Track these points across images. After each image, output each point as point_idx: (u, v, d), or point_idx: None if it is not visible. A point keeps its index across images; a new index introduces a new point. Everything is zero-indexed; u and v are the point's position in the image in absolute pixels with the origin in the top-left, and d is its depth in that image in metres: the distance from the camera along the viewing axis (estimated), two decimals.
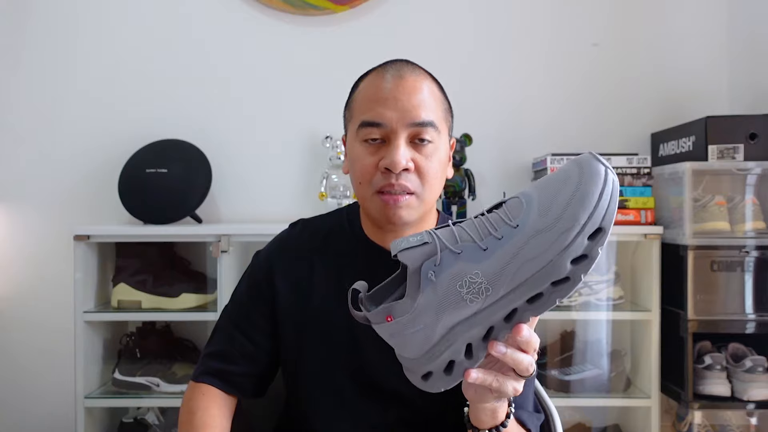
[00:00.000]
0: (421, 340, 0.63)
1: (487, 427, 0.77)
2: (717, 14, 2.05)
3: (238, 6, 2.05)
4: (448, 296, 0.61)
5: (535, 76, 2.06)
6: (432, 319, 0.62)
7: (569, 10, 2.05)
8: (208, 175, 1.92)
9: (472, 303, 0.61)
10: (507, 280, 0.60)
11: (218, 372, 0.96)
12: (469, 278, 0.61)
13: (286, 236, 1.02)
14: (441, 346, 0.63)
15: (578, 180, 0.61)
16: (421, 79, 0.89)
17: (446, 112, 0.92)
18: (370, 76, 0.92)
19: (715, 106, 2.02)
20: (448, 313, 0.62)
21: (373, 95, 0.88)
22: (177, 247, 1.97)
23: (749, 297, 1.68)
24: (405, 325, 0.63)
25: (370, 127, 0.86)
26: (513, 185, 2.05)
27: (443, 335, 0.63)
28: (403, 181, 0.85)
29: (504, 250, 0.61)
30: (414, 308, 0.62)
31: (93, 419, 1.80)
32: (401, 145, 0.85)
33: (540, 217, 0.60)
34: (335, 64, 2.03)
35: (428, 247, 0.62)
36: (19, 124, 2.05)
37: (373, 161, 0.86)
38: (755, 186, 1.72)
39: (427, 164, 0.86)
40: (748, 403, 1.66)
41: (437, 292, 0.61)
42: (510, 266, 0.60)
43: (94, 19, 2.05)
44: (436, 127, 0.87)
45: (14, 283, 2.05)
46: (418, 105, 0.86)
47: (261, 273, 0.99)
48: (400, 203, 0.85)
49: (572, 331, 1.91)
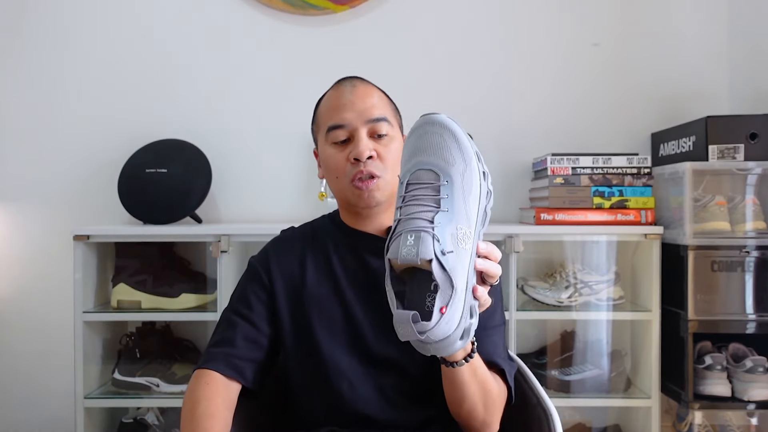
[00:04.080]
0: (461, 306, 0.74)
1: (461, 358, 0.90)
2: (717, 14, 2.05)
3: (238, 6, 2.05)
4: (460, 256, 0.75)
5: (535, 76, 2.06)
6: (461, 283, 0.74)
7: (570, 11, 2.05)
8: (208, 175, 1.92)
9: (469, 250, 0.77)
10: (471, 214, 0.78)
11: (221, 356, 1.01)
12: (459, 233, 0.76)
13: (280, 237, 1.15)
14: (467, 296, 0.76)
15: (449, 133, 0.82)
16: (371, 87, 1.08)
17: (395, 111, 1.10)
18: (328, 92, 1.10)
19: (716, 106, 2.02)
20: (466, 267, 0.76)
21: (334, 104, 1.06)
22: (177, 247, 1.97)
23: (749, 297, 1.68)
24: (453, 309, 0.73)
25: (336, 129, 1.04)
26: (513, 185, 2.05)
27: (466, 284, 0.75)
28: (369, 168, 1.02)
29: (457, 201, 0.78)
30: (455, 286, 0.73)
31: (92, 419, 1.80)
32: (363, 138, 1.03)
33: (451, 165, 0.80)
34: (335, 64, 2.03)
35: (427, 236, 0.74)
36: (19, 125, 2.05)
37: (343, 156, 1.04)
38: (755, 186, 1.72)
39: (386, 151, 1.04)
40: (749, 404, 1.66)
41: (455, 259, 0.74)
42: (466, 204, 0.78)
43: (94, 19, 2.05)
44: (389, 121, 1.05)
45: (14, 283, 2.05)
46: (372, 106, 1.04)
47: (259, 264, 1.09)
48: (371, 186, 1.02)
49: (572, 331, 1.91)
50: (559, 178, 1.80)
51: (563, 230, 1.79)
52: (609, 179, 1.80)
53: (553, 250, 1.95)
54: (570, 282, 1.83)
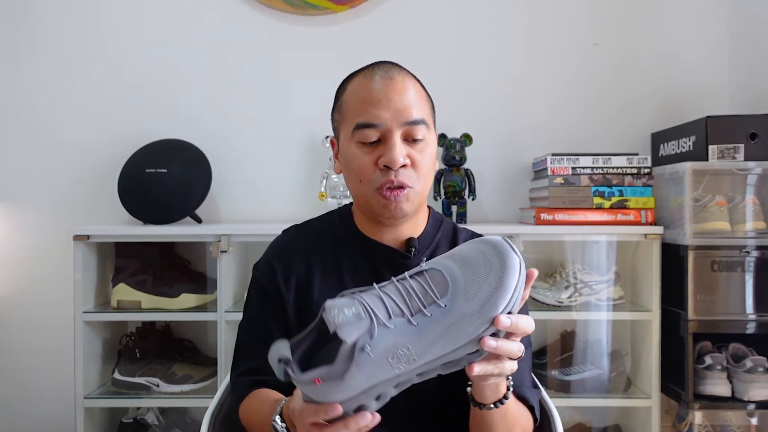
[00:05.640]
0: (344, 397, 0.68)
1: (491, 402, 0.83)
2: (717, 14, 2.05)
3: (238, 6, 2.05)
4: (378, 366, 0.67)
5: (535, 76, 2.06)
6: (360, 383, 0.67)
7: (569, 10, 2.05)
8: (207, 175, 1.92)
9: (396, 369, 0.67)
10: (433, 352, 0.68)
11: (256, 384, 0.95)
12: (400, 351, 0.67)
13: (281, 241, 1.05)
14: (359, 397, 0.69)
15: (500, 271, 0.70)
16: (408, 79, 0.94)
17: (431, 109, 0.98)
18: (357, 78, 0.95)
19: (716, 105, 2.02)
20: (376, 377, 0.67)
21: (365, 97, 0.91)
22: (177, 247, 1.97)
23: (750, 297, 1.68)
24: (332, 389, 0.67)
25: (367, 128, 0.90)
26: (513, 185, 2.05)
27: (363, 390, 0.68)
28: (401, 177, 0.90)
29: (432, 330, 0.68)
30: (345, 377, 0.66)
31: (92, 419, 1.80)
32: (398, 143, 0.90)
33: (467, 301, 0.68)
34: (335, 64, 2.03)
35: (364, 322, 0.67)
36: (19, 124, 2.05)
37: (371, 159, 0.91)
38: (755, 186, 1.72)
39: (421, 159, 0.92)
40: (749, 404, 1.65)
41: (369, 363, 0.66)
42: (437, 342, 0.68)
43: (94, 19, 2.05)
44: (427, 124, 0.93)
45: (14, 283, 2.05)
46: (410, 105, 0.90)
47: (265, 279, 1.00)
48: (400, 198, 0.91)
49: (572, 331, 1.91)
50: (559, 178, 1.80)
51: (563, 230, 1.79)
52: (609, 179, 1.80)
53: (553, 250, 1.95)
54: (570, 282, 1.83)
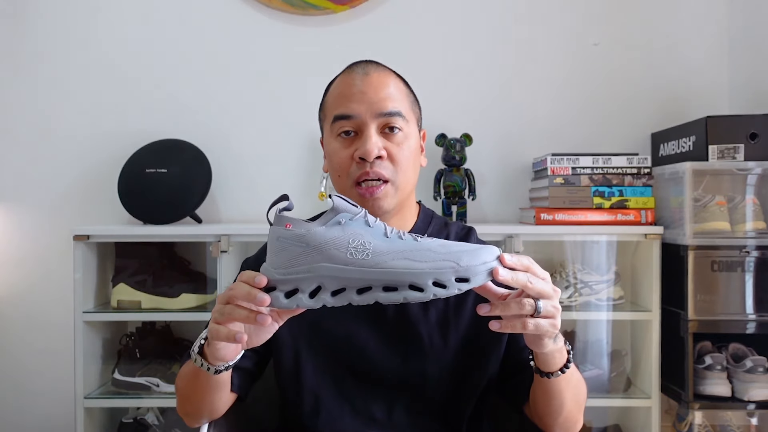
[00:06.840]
0: (292, 255, 0.73)
1: (557, 368, 0.86)
2: (717, 14, 2.05)
3: (237, 6, 2.05)
4: (339, 241, 0.72)
5: (535, 76, 2.05)
6: (314, 248, 0.72)
7: (570, 10, 2.05)
8: (207, 175, 1.92)
9: (348, 257, 0.71)
10: (385, 261, 0.71)
11: None
12: (361, 242, 0.72)
13: None
14: (300, 271, 0.72)
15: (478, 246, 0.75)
16: (387, 74, 0.97)
17: (413, 104, 0.99)
18: (339, 77, 0.99)
19: (715, 105, 2.02)
20: (329, 252, 0.72)
21: (342, 92, 0.95)
22: (177, 247, 1.97)
23: (750, 297, 1.68)
24: (293, 239, 0.73)
25: (342, 120, 0.93)
26: (513, 185, 2.05)
27: (310, 265, 0.72)
28: (377, 169, 0.91)
29: (399, 246, 0.72)
30: (312, 232, 0.73)
31: (92, 419, 1.80)
32: (372, 135, 0.91)
33: (439, 246, 0.73)
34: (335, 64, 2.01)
35: (358, 210, 0.74)
36: (19, 124, 2.05)
37: (348, 153, 0.92)
38: (756, 186, 1.72)
39: (398, 151, 0.92)
40: (749, 404, 1.65)
41: (334, 233, 0.72)
42: (396, 255, 0.72)
43: (93, 19, 2.05)
44: (404, 117, 0.94)
45: (14, 283, 2.05)
46: (385, 97, 0.92)
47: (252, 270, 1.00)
48: (377, 194, 0.91)
49: (572, 331, 1.91)
50: (559, 178, 1.80)
51: (563, 230, 1.79)
52: (609, 179, 1.80)
53: (553, 250, 1.95)
54: (570, 282, 1.83)
